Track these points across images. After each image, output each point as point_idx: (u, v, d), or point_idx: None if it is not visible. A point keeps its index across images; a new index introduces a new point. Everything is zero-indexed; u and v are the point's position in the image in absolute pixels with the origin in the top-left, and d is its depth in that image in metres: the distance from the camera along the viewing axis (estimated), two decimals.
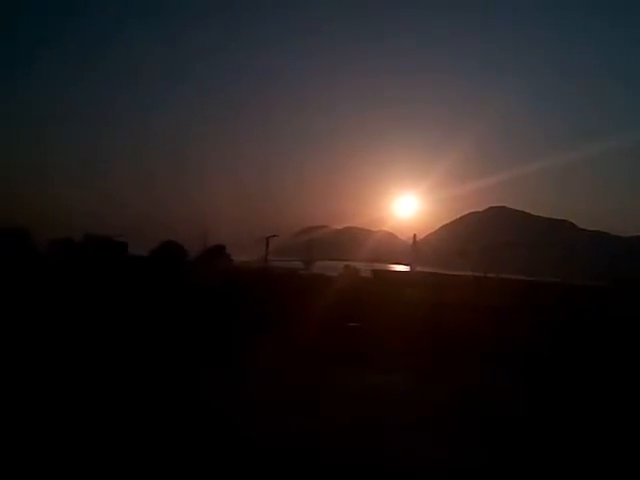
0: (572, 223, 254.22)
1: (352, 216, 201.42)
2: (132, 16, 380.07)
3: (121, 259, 30.20)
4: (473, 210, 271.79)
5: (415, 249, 72.34)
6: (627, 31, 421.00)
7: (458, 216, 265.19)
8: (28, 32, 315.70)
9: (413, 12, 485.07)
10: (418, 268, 67.19)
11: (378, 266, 46.93)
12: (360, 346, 16.65)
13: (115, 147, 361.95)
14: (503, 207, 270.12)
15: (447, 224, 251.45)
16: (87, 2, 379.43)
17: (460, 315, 21.40)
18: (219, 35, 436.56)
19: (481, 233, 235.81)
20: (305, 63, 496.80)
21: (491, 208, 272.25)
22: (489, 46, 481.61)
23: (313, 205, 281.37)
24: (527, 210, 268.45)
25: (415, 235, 69.58)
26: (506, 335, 18.88)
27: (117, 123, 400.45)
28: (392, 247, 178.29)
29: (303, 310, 20.15)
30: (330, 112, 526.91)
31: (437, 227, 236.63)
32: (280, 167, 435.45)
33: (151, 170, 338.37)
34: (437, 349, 16.70)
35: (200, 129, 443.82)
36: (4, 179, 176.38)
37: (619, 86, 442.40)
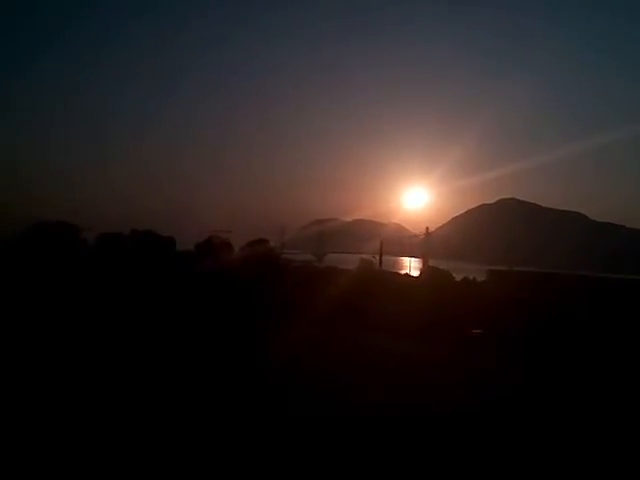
0: (583, 215, 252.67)
1: (361, 208, 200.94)
2: (134, 14, 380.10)
3: (169, 254, 30.35)
4: (484, 202, 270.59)
5: (428, 241, 71.67)
6: None
7: (468, 208, 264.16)
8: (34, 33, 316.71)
9: (423, 5, 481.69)
10: (431, 261, 67.02)
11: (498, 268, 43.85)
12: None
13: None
14: (514, 199, 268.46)
15: (457, 216, 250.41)
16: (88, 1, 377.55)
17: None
18: (228, 30, 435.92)
19: (492, 225, 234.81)
20: (315, 56, 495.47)
21: (502, 200, 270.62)
22: (497, 38, 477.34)
23: (322, 198, 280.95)
24: (538, 202, 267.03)
25: (428, 227, 68.94)
26: None
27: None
28: (402, 239, 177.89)
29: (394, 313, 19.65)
30: (339, 105, 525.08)
31: (447, 219, 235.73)
32: (289, 160, 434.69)
33: (155, 165, 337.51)
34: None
35: (207, 125, 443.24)
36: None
37: (630, 76, 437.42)
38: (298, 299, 20.62)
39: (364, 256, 36.27)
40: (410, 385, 12.37)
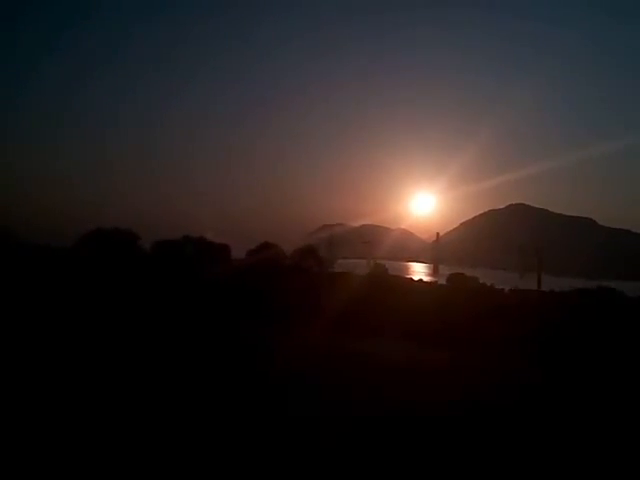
0: (592, 220, 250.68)
1: (368, 214, 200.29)
2: (139, 15, 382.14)
3: (224, 260, 30.02)
4: (492, 207, 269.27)
5: (437, 247, 70.78)
6: None
7: (477, 214, 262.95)
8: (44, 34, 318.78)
9: (430, 9, 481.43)
10: (440, 267, 66.03)
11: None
12: None
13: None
14: (523, 204, 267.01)
15: (466, 222, 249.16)
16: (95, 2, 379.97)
17: None
18: (236, 32, 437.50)
19: (501, 231, 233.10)
20: (323, 59, 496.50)
21: (510, 205, 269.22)
22: (506, 42, 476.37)
23: (329, 203, 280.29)
24: (547, 207, 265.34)
25: (438, 233, 68.03)
26: None
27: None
28: (409, 245, 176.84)
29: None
30: (347, 110, 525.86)
31: (455, 225, 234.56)
32: (295, 165, 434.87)
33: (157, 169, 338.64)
34: None
35: (212, 128, 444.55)
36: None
37: (638, 82, 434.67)
38: (326, 306, 19.80)
39: (378, 261, 34.41)
40: None
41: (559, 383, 13.95)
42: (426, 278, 41.89)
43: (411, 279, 35.62)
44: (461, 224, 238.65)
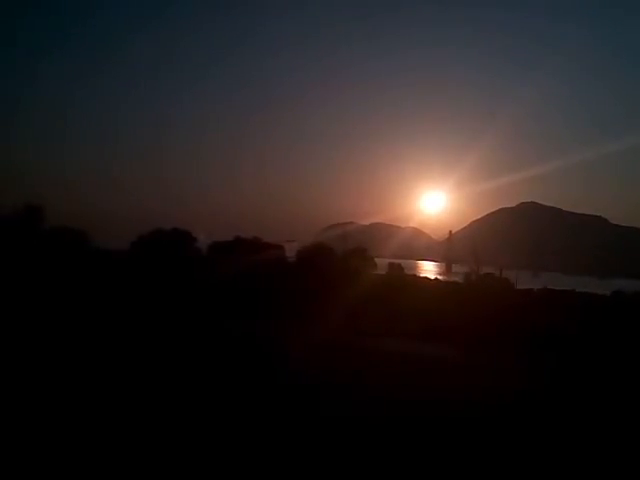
0: (605, 219, 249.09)
1: (378, 212, 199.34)
2: (143, 15, 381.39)
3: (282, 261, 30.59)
4: (503, 206, 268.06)
5: (449, 245, 70.74)
6: None
7: (488, 212, 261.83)
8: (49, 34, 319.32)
9: (439, 7, 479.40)
10: (453, 265, 66.24)
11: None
12: None
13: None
14: (534, 203, 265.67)
15: (477, 220, 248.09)
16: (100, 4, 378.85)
17: None
18: (242, 30, 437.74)
19: (512, 229, 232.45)
20: (331, 58, 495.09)
21: (522, 204, 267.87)
22: (516, 42, 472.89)
23: (339, 201, 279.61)
24: (558, 205, 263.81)
25: (451, 231, 67.93)
26: None
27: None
28: (420, 243, 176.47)
29: None
30: (356, 108, 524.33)
31: (466, 223, 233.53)
32: (305, 164, 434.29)
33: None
34: None
35: (221, 127, 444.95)
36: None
37: None
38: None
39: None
40: None
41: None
42: (440, 277, 42.12)
43: (427, 278, 35.91)
44: (472, 222, 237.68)
